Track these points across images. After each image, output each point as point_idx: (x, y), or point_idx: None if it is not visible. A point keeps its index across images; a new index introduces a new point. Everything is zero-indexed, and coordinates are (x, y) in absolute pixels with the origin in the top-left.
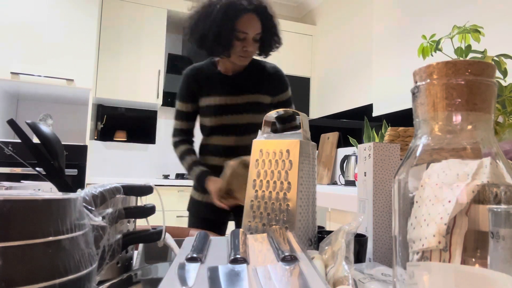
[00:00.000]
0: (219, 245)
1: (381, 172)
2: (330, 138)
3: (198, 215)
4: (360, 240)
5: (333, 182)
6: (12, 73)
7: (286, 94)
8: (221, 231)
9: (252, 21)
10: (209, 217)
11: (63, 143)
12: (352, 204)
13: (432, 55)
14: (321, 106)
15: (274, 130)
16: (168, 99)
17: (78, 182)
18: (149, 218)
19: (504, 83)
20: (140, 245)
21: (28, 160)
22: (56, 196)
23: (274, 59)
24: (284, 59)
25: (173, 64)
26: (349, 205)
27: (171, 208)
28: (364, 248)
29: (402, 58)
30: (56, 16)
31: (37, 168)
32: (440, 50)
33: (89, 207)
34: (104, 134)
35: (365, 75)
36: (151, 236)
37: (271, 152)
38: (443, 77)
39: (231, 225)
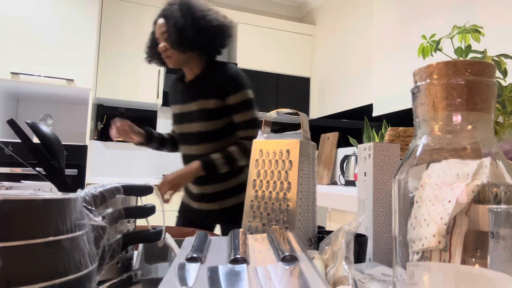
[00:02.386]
0: (219, 245)
1: (381, 172)
2: (330, 138)
3: (185, 218)
4: (360, 240)
5: (333, 182)
6: (12, 73)
7: (239, 96)
8: None
9: (160, 25)
10: (195, 221)
11: (63, 143)
12: (352, 204)
13: (432, 55)
14: (321, 106)
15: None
16: (168, 99)
17: (78, 182)
18: (149, 218)
19: (504, 83)
20: (140, 245)
21: (28, 160)
22: (56, 196)
23: (275, 59)
24: (284, 59)
25: None
26: (349, 205)
27: (171, 208)
28: (364, 248)
29: (402, 58)
30: (56, 16)
31: (37, 168)
32: (440, 50)
33: (89, 207)
34: (104, 134)
35: (365, 75)
36: (151, 236)
37: (271, 152)
38: (443, 77)
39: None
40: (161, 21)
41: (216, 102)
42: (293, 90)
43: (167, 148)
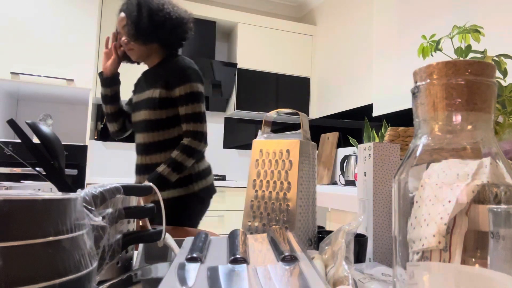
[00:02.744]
0: (219, 245)
1: (381, 172)
2: (330, 138)
3: None
4: (360, 240)
5: (333, 182)
6: (12, 73)
7: (185, 88)
8: None
9: (121, 19)
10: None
11: (63, 143)
12: (352, 204)
13: (432, 55)
14: (321, 106)
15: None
16: None
17: (78, 182)
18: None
19: (504, 83)
20: (140, 245)
21: (28, 160)
22: (56, 196)
23: (275, 59)
24: (284, 59)
25: None
26: (349, 205)
27: None
28: (364, 248)
29: (402, 58)
30: (56, 16)
31: (37, 168)
32: (440, 50)
33: (89, 207)
34: (104, 134)
35: (365, 75)
36: (151, 236)
37: (271, 152)
38: (443, 77)
39: None
40: (122, 15)
41: (162, 92)
42: (293, 90)
43: (115, 117)
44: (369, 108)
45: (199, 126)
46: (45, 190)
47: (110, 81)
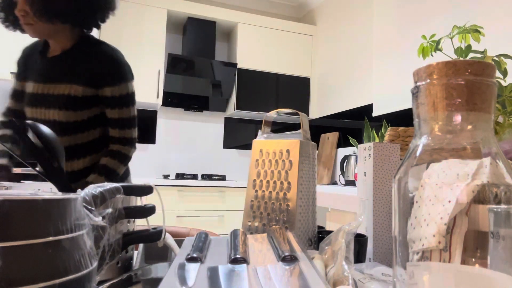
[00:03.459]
0: (219, 245)
1: (381, 172)
2: (330, 138)
3: None
4: (360, 240)
5: (333, 182)
6: (12, 73)
7: (119, 89)
8: None
9: None
10: None
11: None
12: (352, 204)
13: (432, 55)
14: (321, 106)
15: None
16: (168, 99)
17: None
18: (149, 218)
19: (504, 83)
20: (140, 245)
21: (28, 160)
22: (56, 196)
23: (274, 59)
24: (284, 59)
25: (173, 64)
26: (349, 205)
27: (171, 208)
28: (364, 248)
29: (402, 58)
30: None
31: (37, 168)
32: (440, 50)
33: (89, 207)
34: None
35: (365, 75)
36: (151, 236)
37: (271, 152)
38: (443, 77)
39: None
40: None
41: (85, 89)
42: (293, 90)
43: None
44: (369, 108)
45: (132, 132)
46: (45, 190)
47: None
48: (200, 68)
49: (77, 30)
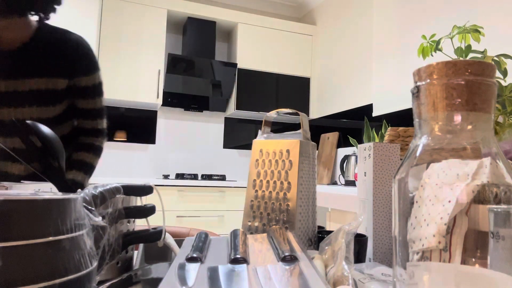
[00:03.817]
0: (219, 245)
1: (381, 172)
2: (330, 138)
3: None
4: (360, 240)
5: (333, 182)
6: None
7: (93, 78)
8: None
9: None
10: None
11: None
12: (352, 204)
13: (432, 55)
14: (321, 106)
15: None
16: (168, 99)
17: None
18: (149, 218)
19: (504, 83)
20: (140, 245)
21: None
22: (56, 196)
23: (274, 59)
24: (284, 59)
25: (173, 64)
26: (349, 205)
27: (171, 208)
28: (364, 248)
29: (402, 58)
30: (56, 16)
31: (37, 169)
32: (440, 50)
33: (89, 207)
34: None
35: (365, 75)
36: (151, 236)
37: (271, 152)
38: (443, 77)
39: None
40: None
41: (60, 81)
42: (293, 90)
43: None
44: (369, 108)
45: (104, 123)
46: (45, 190)
47: None
48: (200, 68)
49: (32, 20)
